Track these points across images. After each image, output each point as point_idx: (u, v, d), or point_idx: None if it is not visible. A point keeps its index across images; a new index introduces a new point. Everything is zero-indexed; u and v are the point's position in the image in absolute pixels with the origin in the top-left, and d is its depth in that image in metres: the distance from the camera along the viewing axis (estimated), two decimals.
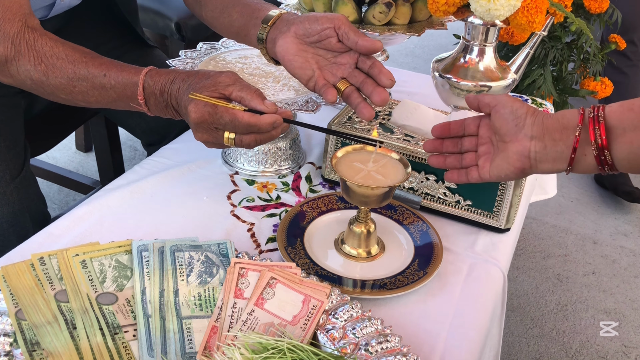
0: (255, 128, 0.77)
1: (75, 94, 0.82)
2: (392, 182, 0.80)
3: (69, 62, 0.81)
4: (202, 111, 0.77)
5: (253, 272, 0.75)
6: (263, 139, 0.80)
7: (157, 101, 0.81)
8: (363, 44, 0.80)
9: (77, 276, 0.73)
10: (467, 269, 0.88)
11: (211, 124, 0.78)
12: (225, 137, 0.79)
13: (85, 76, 0.81)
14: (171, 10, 1.79)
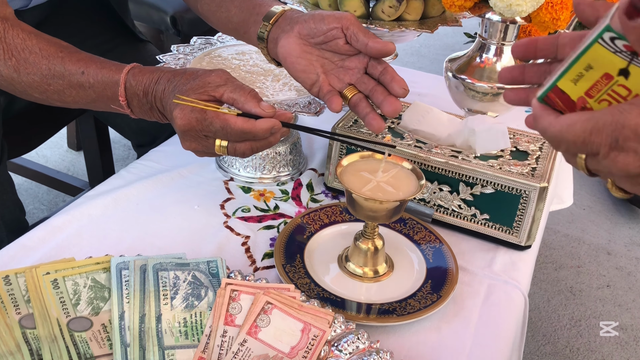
0: (251, 135, 0.69)
1: (50, 93, 0.74)
2: (403, 195, 0.71)
3: (43, 57, 0.72)
4: (189, 117, 0.68)
5: (246, 295, 0.66)
6: (259, 147, 0.71)
7: (140, 103, 0.73)
8: (374, 46, 0.71)
9: (46, 298, 0.65)
10: (485, 292, 0.79)
11: (200, 131, 0.69)
12: (217, 146, 0.70)
13: (61, 73, 0.72)
14: (167, 3, 1.71)
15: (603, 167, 0.44)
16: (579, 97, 0.44)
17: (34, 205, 1.95)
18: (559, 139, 0.45)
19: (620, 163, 0.42)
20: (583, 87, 0.43)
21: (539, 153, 0.89)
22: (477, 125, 0.85)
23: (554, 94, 0.45)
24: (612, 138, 0.42)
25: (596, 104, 0.44)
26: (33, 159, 2.00)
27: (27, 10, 1.01)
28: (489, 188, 0.84)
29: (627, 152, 0.42)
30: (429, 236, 0.84)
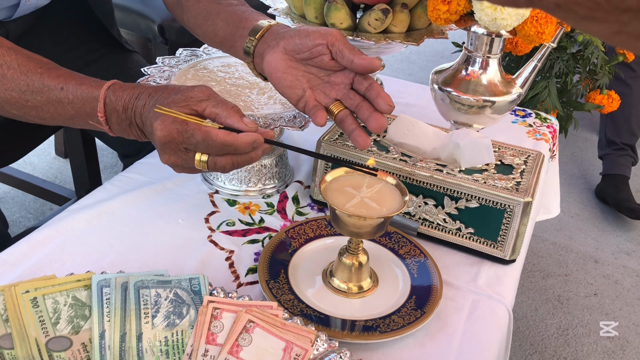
0: (232, 148, 0.68)
1: (28, 109, 0.73)
2: (387, 212, 0.71)
3: (22, 73, 0.71)
4: (170, 128, 0.67)
5: (228, 314, 0.66)
6: (241, 161, 0.70)
7: (119, 119, 0.72)
8: (359, 62, 0.71)
9: (25, 317, 0.64)
10: (470, 307, 0.79)
11: (180, 143, 0.68)
12: (197, 160, 0.69)
13: (39, 89, 0.71)
14: (154, 11, 1.70)
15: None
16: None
17: (20, 213, 1.93)
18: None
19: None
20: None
21: (524, 167, 0.89)
22: (462, 139, 0.85)
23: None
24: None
25: None
26: (20, 167, 1.99)
27: (11, 21, 1.00)
28: (474, 202, 0.84)
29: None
30: (414, 250, 0.84)
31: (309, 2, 1.00)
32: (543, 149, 1.15)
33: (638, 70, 2.15)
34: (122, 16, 1.70)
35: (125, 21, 1.72)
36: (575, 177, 2.40)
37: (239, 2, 0.86)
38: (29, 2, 0.98)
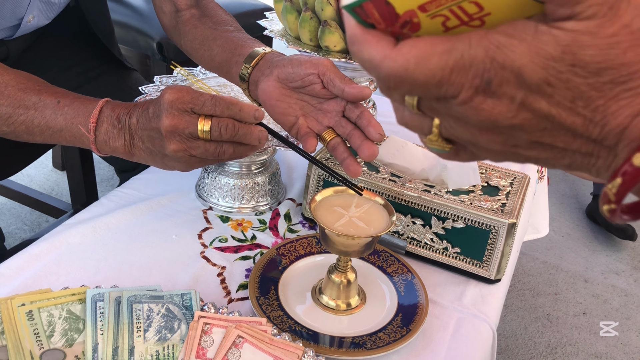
0: (237, 107, 0.69)
1: (18, 124, 0.74)
2: (375, 231, 0.73)
3: (19, 90, 0.74)
4: (180, 88, 0.69)
5: (218, 329, 0.68)
6: (242, 151, 0.73)
7: (111, 125, 0.73)
8: (350, 91, 0.73)
9: (20, 330, 0.66)
10: (454, 325, 0.81)
11: (188, 102, 0.68)
12: (200, 129, 0.69)
13: (34, 103, 0.73)
14: (153, 29, 1.73)
15: (453, 112, 0.33)
16: (407, 11, 0.32)
17: (16, 225, 1.95)
18: (402, 77, 0.32)
19: (486, 111, 0.32)
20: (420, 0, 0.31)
21: (510, 189, 0.92)
22: (450, 161, 0.87)
23: (374, 5, 0.32)
24: (483, 80, 0.31)
25: (427, 19, 0.32)
26: (17, 179, 2.01)
27: (12, 40, 1.03)
28: (460, 223, 0.87)
29: (499, 98, 0.31)
30: (402, 269, 0.86)
31: (303, 25, 1.03)
32: (530, 171, 1.18)
33: None
34: (121, 33, 1.73)
35: (124, 38, 1.75)
36: (566, 197, 2.43)
37: (235, 28, 0.89)
38: (30, 23, 1.01)
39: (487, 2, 0.30)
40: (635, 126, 0.30)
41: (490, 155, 0.36)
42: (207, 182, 0.99)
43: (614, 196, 0.31)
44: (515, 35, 0.30)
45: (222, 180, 0.98)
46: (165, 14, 0.97)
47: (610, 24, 0.29)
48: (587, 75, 0.29)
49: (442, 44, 0.31)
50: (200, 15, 0.93)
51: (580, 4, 0.28)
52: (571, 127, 0.31)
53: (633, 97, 0.29)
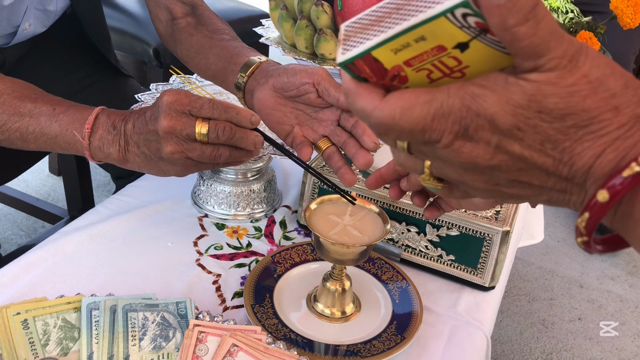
0: (234, 111, 0.70)
1: (13, 132, 0.74)
2: (369, 240, 0.74)
3: (15, 98, 0.74)
4: (179, 91, 0.69)
5: (213, 337, 0.68)
6: (238, 155, 0.72)
7: (105, 131, 0.73)
8: (345, 101, 0.73)
9: (15, 338, 0.66)
10: (449, 333, 0.81)
11: (186, 105, 0.69)
12: (197, 132, 0.69)
13: (30, 110, 0.73)
14: (150, 35, 1.73)
15: (439, 154, 0.38)
16: (394, 66, 0.36)
17: (12, 230, 1.95)
18: (390, 125, 0.36)
19: (466, 154, 0.36)
20: (405, 56, 0.35)
21: None
22: None
23: (364, 62, 0.36)
24: (461, 126, 0.35)
25: (413, 72, 0.36)
26: (13, 184, 2.00)
27: (8, 47, 1.03)
28: (455, 230, 0.87)
29: (477, 142, 0.35)
30: (397, 276, 0.87)
31: (299, 33, 1.04)
32: None
33: None
34: (118, 39, 1.73)
35: (121, 44, 1.75)
36: None
37: (230, 37, 0.89)
38: (26, 31, 1.01)
39: (463, 56, 0.34)
40: (599, 165, 0.33)
41: (478, 193, 0.40)
42: (202, 189, 1.00)
43: (584, 229, 0.34)
44: (488, 86, 0.34)
45: (217, 188, 0.98)
46: (161, 22, 0.97)
47: (570, 75, 0.32)
48: (552, 120, 0.33)
49: (424, 95, 0.35)
50: (196, 23, 0.93)
51: (542, 57, 0.32)
52: (543, 167, 0.35)
53: (595, 139, 0.33)
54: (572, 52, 0.32)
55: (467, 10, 0.32)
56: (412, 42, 0.34)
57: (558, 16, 1.52)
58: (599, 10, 1.85)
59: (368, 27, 0.36)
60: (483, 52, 0.34)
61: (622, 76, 0.33)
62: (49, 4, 1.02)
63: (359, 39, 0.36)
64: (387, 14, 0.35)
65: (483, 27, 0.32)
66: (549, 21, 0.32)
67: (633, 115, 0.33)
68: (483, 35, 0.33)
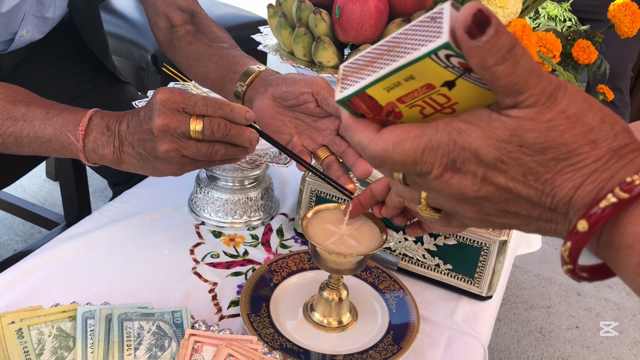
0: (229, 108, 0.69)
1: (6, 137, 0.74)
2: (366, 249, 0.73)
3: (9, 103, 0.73)
4: (172, 89, 0.68)
5: (209, 347, 0.68)
6: (234, 152, 0.71)
7: (100, 132, 0.72)
8: None
9: (10, 348, 0.65)
10: (446, 342, 0.81)
11: (179, 102, 0.68)
12: (192, 129, 0.68)
13: (23, 114, 0.73)
14: (148, 41, 1.73)
15: (431, 186, 0.40)
16: (388, 103, 0.39)
17: (8, 236, 1.94)
18: (384, 158, 0.39)
19: (455, 185, 0.38)
20: (397, 94, 0.38)
21: None
22: None
23: (360, 99, 0.40)
24: (449, 159, 0.37)
25: (407, 109, 0.39)
26: (10, 189, 2.00)
27: (5, 54, 1.03)
28: (452, 239, 0.87)
29: (464, 174, 0.38)
30: (394, 285, 0.86)
31: (297, 41, 1.04)
32: None
33: (620, 106, 2.20)
34: (116, 45, 1.73)
35: (119, 50, 1.75)
36: None
37: (229, 45, 0.89)
38: (24, 37, 1.01)
39: (452, 94, 0.37)
40: (579, 196, 0.35)
41: (472, 223, 0.42)
42: (199, 196, 1.00)
43: (568, 258, 0.36)
44: (473, 122, 0.36)
45: (214, 195, 0.98)
46: (160, 30, 0.97)
47: (548, 111, 0.34)
48: (533, 154, 0.35)
49: (414, 130, 0.38)
50: (195, 31, 0.93)
51: (521, 94, 0.34)
52: (528, 198, 0.37)
53: (574, 172, 0.35)
54: (550, 89, 0.34)
55: (450, 52, 0.34)
56: (402, 81, 0.37)
57: (556, 24, 1.52)
58: (597, 18, 1.85)
59: (363, 68, 0.39)
60: (470, 90, 0.37)
61: (599, 111, 0.35)
62: (46, 11, 1.02)
63: (354, 78, 0.39)
64: (379, 56, 0.38)
65: (466, 67, 0.35)
66: (527, 60, 0.34)
67: (610, 148, 0.35)
68: (468, 74, 0.35)
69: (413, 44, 0.35)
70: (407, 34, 0.37)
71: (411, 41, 0.36)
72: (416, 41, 0.35)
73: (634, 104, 2.56)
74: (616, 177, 0.34)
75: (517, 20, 0.93)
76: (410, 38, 0.36)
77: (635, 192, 0.33)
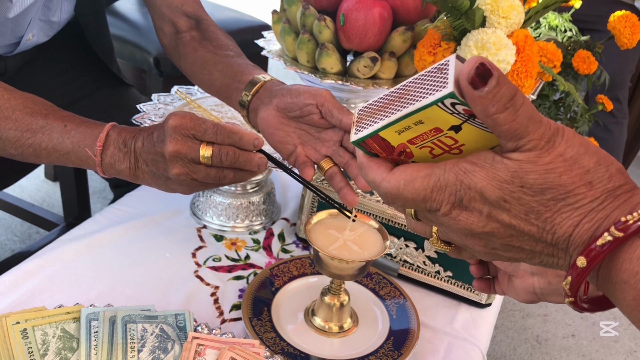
0: (238, 136, 0.71)
1: (26, 147, 0.75)
2: (369, 255, 0.74)
3: (27, 114, 0.74)
4: (184, 115, 0.71)
5: (212, 350, 0.68)
6: (242, 176, 0.74)
7: (117, 148, 0.74)
8: (347, 122, 0.74)
9: (15, 348, 0.66)
10: (445, 349, 0.81)
11: (190, 129, 0.70)
12: (202, 155, 0.70)
13: (41, 127, 0.74)
14: (151, 44, 1.74)
15: (440, 222, 0.43)
16: (400, 144, 0.43)
17: (6, 236, 1.94)
18: (395, 195, 0.43)
19: (462, 221, 0.41)
20: (407, 136, 0.42)
21: None
22: None
23: (373, 141, 0.43)
24: (456, 197, 0.40)
25: (417, 149, 0.43)
26: (8, 189, 2.00)
27: (11, 56, 1.03)
28: None
29: (471, 211, 0.40)
30: (394, 292, 0.87)
31: (301, 47, 1.04)
32: None
33: (619, 116, 2.22)
34: (118, 46, 1.73)
35: (121, 52, 1.76)
36: None
37: (235, 53, 0.90)
38: (30, 41, 1.02)
39: (459, 136, 0.40)
40: (577, 234, 0.38)
41: (481, 255, 0.44)
42: (201, 200, 1.00)
43: (569, 291, 0.39)
44: (478, 163, 0.39)
45: (216, 199, 0.99)
46: (166, 35, 0.97)
47: (547, 154, 0.37)
48: (533, 194, 0.38)
49: (424, 170, 0.41)
50: (200, 38, 0.94)
51: (522, 139, 0.37)
52: (530, 234, 0.39)
53: (572, 211, 0.37)
54: (549, 134, 0.37)
55: (455, 100, 0.37)
56: (412, 125, 0.40)
57: (557, 34, 1.54)
58: (597, 28, 1.87)
59: (376, 112, 0.42)
60: (475, 133, 0.40)
61: (595, 154, 0.37)
62: (53, 15, 1.02)
63: (368, 122, 0.43)
64: (391, 102, 0.41)
65: (470, 113, 0.38)
66: (527, 108, 0.37)
67: (605, 189, 0.37)
68: (472, 119, 0.39)
69: (422, 92, 0.39)
70: (416, 82, 0.40)
71: (420, 89, 0.39)
72: (424, 90, 0.38)
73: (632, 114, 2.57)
74: (611, 217, 0.37)
75: (519, 31, 0.94)
76: (419, 87, 0.39)
77: (629, 231, 0.36)
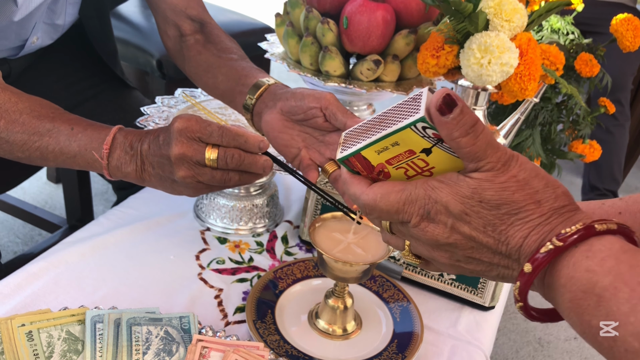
0: (243, 139, 0.71)
1: (33, 151, 0.75)
2: (373, 258, 0.74)
3: (34, 117, 0.75)
4: (190, 117, 0.71)
5: (216, 353, 0.68)
6: (247, 179, 0.74)
7: (123, 151, 0.74)
8: (351, 124, 0.74)
9: (20, 350, 0.66)
10: (449, 352, 0.82)
11: (196, 131, 0.70)
12: (207, 157, 0.71)
13: (48, 130, 0.74)
14: (153, 46, 1.74)
15: (411, 233, 0.48)
16: (379, 163, 0.48)
17: (8, 238, 1.94)
18: (372, 207, 0.49)
19: (429, 233, 0.47)
20: (385, 157, 0.47)
21: None
22: None
23: (356, 159, 0.49)
24: (425, 210, 0.46)
25: (394, 169, 0.48)
26: (10, 191, 2.00)
27: (16, 59, 1.04)
28: None
29: (437, 223, 0.46)
30: (398, 294, 0.87)
31: (304, 50, 1.05)
32: None
33: (621, 119, 2.22)
34: (121, 49, 1.73)
35: (124, 54, 1.76)
36: None
37: (239, 57, 0.90)
38: (34, 44, 1.02)
39: (429, 159, 0.46)
40: (527, 245, 0.43)
41: (445, 268, 0.50)
42: (205, 202, 1.00)
43: (518, 296, 0.43)
44: (444, 181, 0.45)
45: (220, 202, 0.99)
46: (170, 38, 0.98)
47: (502, 175, 0.43)
48: (490, 208, 0.44)
49: (399, 186, 0.48)
50: (204, 41, 0.94)
51: (481, 161, 0.43)
52: (487, 245, 0.45)
53: (523, 224, 0.43)
54: (505, 158, 0.43)
55: (425, 124, 0.43)
56: (389, 146, 0.46)
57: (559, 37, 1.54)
58: (599, 31, 1.87)
59: (359, 135, 0.49)
60: (443, 157, 0.46)
61: (543, 178, 0.44)
62: (57, 18, 1.02)
63: (352, 142, 0.49)
64: (372, 126, 0.48)
65: (439, 137, 0.44)
66: (486, 135, 0.43)
67: (551, 208, 0.43)
68: (441, 144, 0.45)
69: (398, 117, 0.45)
70: (395, 110, 0.46)
71: (397, 115, 0.45)
72: (401, 115, 0.45)
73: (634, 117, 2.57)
74: (555, 230, 0.42)
75: (522, 34, 0.94)
76: (397, 113, 0.46)
77: (568, 242, 0.41)
